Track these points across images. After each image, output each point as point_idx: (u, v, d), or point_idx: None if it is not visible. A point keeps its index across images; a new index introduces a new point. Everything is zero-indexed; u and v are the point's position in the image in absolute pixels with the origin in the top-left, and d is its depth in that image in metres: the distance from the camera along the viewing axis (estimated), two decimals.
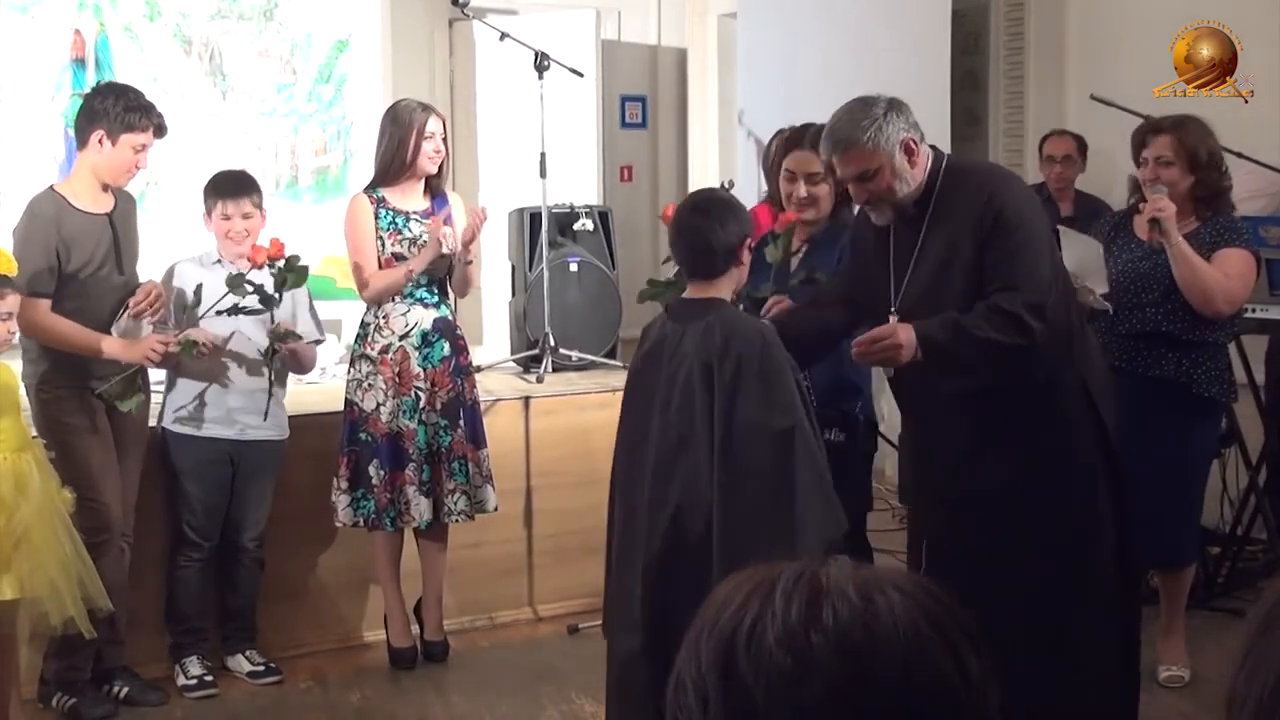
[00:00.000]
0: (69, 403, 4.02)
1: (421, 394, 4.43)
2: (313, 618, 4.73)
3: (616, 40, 7.71)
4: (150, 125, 4.07)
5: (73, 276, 4.01)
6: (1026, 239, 3.15)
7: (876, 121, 3.21)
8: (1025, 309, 3.09)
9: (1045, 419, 3.24)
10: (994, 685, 1.00)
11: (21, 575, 3.53)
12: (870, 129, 3.20)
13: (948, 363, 3.15)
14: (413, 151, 4.41)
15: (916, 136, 3.24)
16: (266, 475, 4.42)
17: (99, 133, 4.04)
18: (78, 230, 4.02)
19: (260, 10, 6.50)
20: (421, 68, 7.12)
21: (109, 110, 4.04)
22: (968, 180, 3.25)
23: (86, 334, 3.99)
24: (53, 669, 4.12)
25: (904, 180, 3.22)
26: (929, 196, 3.25)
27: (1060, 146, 5.54)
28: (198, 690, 4.31)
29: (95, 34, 6.09)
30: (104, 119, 4.03)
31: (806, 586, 0.99)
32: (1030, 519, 3.22)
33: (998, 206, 3.15)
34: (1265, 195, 4.88)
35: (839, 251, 3.92)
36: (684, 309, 3.22)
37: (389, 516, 4.41)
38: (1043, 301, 3.11)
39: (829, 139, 3.28)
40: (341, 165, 6.66)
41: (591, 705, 4.18)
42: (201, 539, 4.36)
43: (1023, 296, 3.09)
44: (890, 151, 3.20)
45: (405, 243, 4.44)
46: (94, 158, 4.07)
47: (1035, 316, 3.10)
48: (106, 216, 4.10)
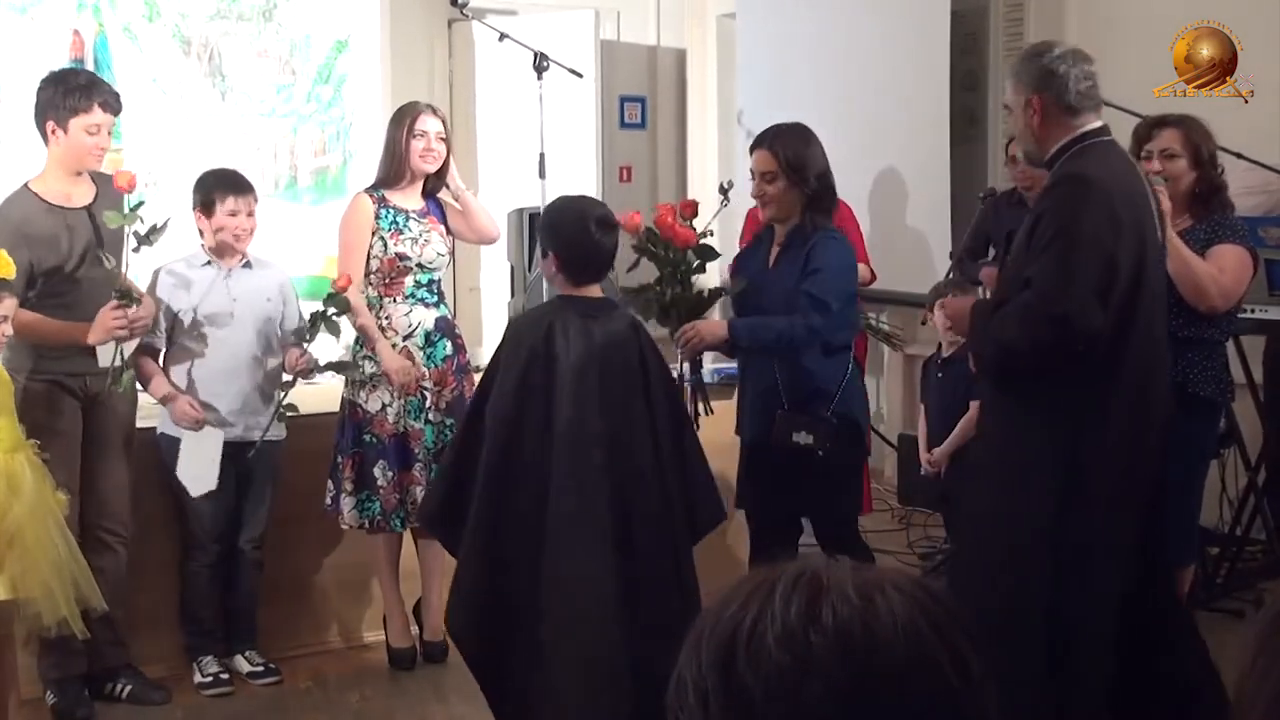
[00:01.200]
0: (42, 397, 3.98)
1: (428, 394, 4.43)
2: (312, 618, 4.73)
3: (616, 41, 7.71)
4: (93, 104, 3.98)
5: (54, 274, 3.96)
6: (1074, 241, 3.05)
7: (1022, 62, 3.24)
8: (1041, 306, 3.05)
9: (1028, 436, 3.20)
10: (993, 684, 1.00)
11: (14, 576, 3.53)
12: (1015, 67, 3.25)
13: (983, 345, 3.21)
14: (404, 151, 4.41)
15: (1049, 97, 3.16)
16: (265, 476, 4.42)
17: (50, 124, 4.00)
18: (48, 229, 3.97)
19: (259, 11, 6.50)
20: (420, 68, 7.12)
21: (52, 99, 3.99)
22: (1064, 166, 3.20)
23: (60, 328, 3.93)
24: (39, 667, 4.13)
25: (1023, 130, 3.25)
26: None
27: None
28: (214, 688, 4.32)
29: (94, 34, 6.09)
30: (50, 109, 3.99)
31: (806, 586, 0.99)
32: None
33: (1044, 205, 3.14)
34: (1262, 193, 4.87)
35: (806, 253, 3.99)
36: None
37: (398, 517, 4.41)
38: (1063, 313, 3.02)
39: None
40: (340, 166, 6.66)
41: None
42: (210, 541, 4.36)
43: (1040, 295, 3.05)
44: (1019, 97, 3.21)
45: (407, 242, 4.44)
46: (55, 150, 4.03)
47: (1050, 320, 3.04)
48: (85, 210, 4.03)
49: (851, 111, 5.60)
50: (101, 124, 4.02)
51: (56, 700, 4.10)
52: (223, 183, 4.37)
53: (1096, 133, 3.23)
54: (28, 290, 3.88)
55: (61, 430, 4.00)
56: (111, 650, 4.23)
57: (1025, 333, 3.09)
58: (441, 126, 4.49)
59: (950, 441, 4.85)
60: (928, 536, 5.61)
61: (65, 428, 4.01)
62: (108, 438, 4.14)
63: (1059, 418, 3.13)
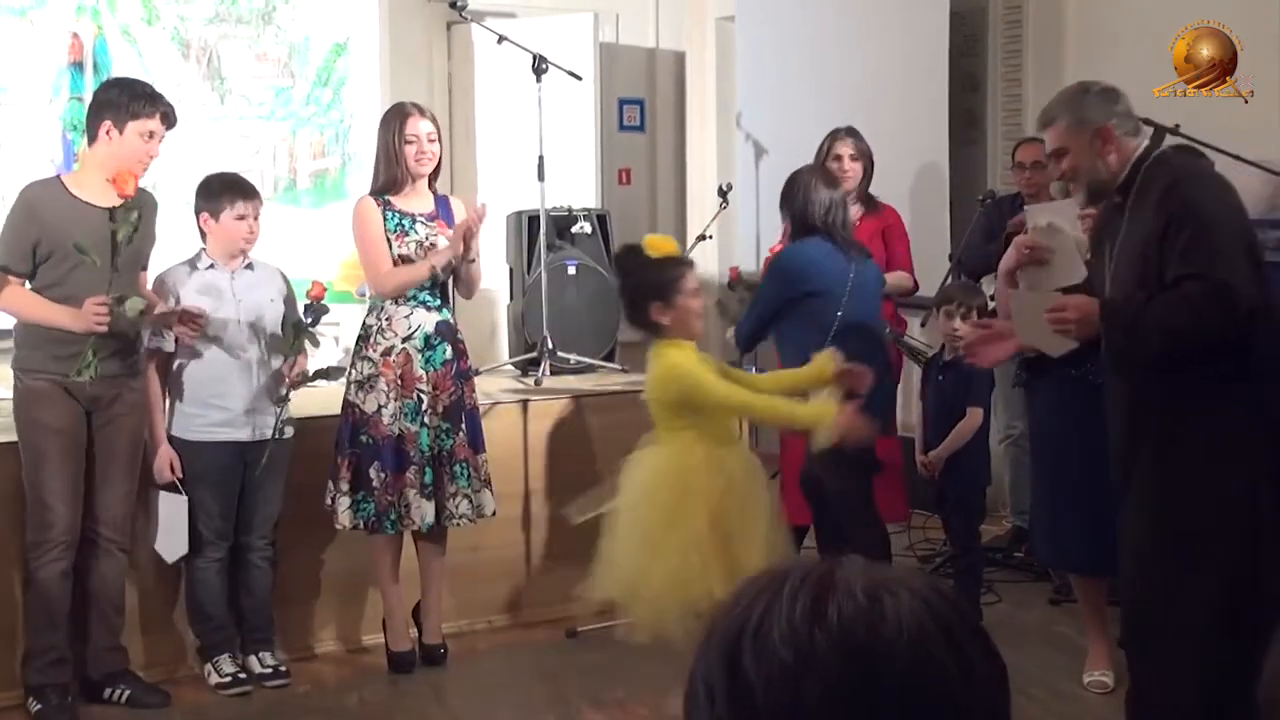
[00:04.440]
0: (44, 395, 4.01)
1: (424, 397, 4.42)
2: (311, 621, 4.73)
3: (615, 43, 7.71)
4: (156, 112, 4.08)
5: (57, 264, 3.99)
6: (1205, 227, 3.08)
7: (1074, 104, 3.30)
8: (1202, 291, 3.03)
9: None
10: (1006, 687, 1.00)
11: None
12: (1065, 110, 3.30)
13: (1128, 343, 3.16)
14: (397, 156, 4.41)
15: (1119, 125, 3.26)
16: (277, 474, 4.42)
17: (106, 124, 4.05)
18: (64, 218, 4.00)
19: (258, 13, 6.50)
20: (419, 71, 7.12)
21: (114, 100, 4.06)
22: (1162, 171, 3.23)
23: (48, 307, 3.99)
24: (22, 673, 4.12)
25: (1095, 165, 3.28)
26: (1130, 186, 3.26)
27: (1029, 153, 5.55)
28: (233, 687, 4.31)
29: (93, 37, 6.09)
30: (110, 109, 4.05)
31: (814, 585, 0.99)
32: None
33: (1178, 197, 3.13)
34: (1262, 195, 4.86)
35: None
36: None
37: (390, 519, 4.40)
38: (1226, 281, 3.03)
39: (1040, 116, 3.42)
40: (340, 169, 6.66)
41: (589, 709, 4.18)
42: (219, 539, 4.36)
43: (1200, 279, 3.03)
44: (1083, 136, 3.26)
45: (412, 245, 4.43)
46: (103, 150, 4.07)
47: (1215, 299, 3.03)
48: (106, 210, 4.05)
49: (850, 113, 5.60)
50: (156, 132, 4.09)
51: (40, 708, 4.07)
52: (230, 187, 4.38)
53: (1152, 145, 3.34)
54: (32, 268, 4.00)
55: (60, 429, 4.03)
56: (109, 655, 4.22)
57: (1193, 311, 3.05)
58: (432, 127, 4.47)
59: (946, 445, 4.86)
60: (927, 539, 5.61)
61: (64, 426, 4.04)
62: (117, 448, 4.16)
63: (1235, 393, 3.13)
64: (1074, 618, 4.59)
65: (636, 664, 4.44)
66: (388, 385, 4.38)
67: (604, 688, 4.34)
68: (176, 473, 4.29)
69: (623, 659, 4.30)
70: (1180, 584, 3.11)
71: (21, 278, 4.03)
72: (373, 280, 4.48)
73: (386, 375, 4.39)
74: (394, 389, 4.38)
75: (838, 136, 5.39)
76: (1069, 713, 4.08)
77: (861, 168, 5.38)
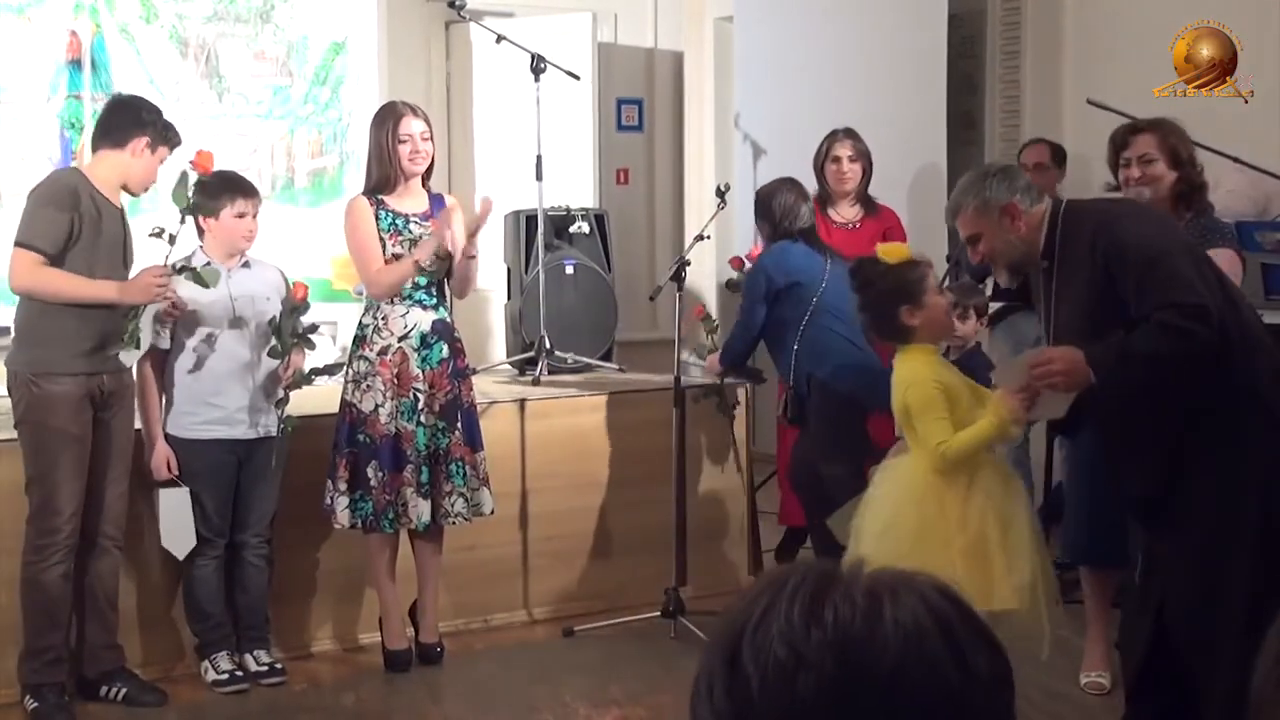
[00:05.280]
0: (61, 400, 3.99)
1: (420, 396, 4.41)
2: (308, 619, 4.72)
3: (613, 43, 7.71)
4: (176, 144, 4.22)
5: (82, 255, 4.00)
6: (1151, 257, 3.15)
7: (975, 189, 3.37)
8: (1180, 316, 3.07)
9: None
10: (1010, 686, 1.01)
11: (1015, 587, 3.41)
12: (970, 197, 3.38)
13: (1119, 382, 3.19)
14: (391, 156, 4.40)
15: (1021, 200, 3.33)
16: (275, 471, 4.41)
17: (144, 139, 4.12)
18: (96, 211, 4.04)
19: (257, 12, 6.50)
20: (418, 70, 7.12)
21: (156, 122, 4.16)
22: (1080, 223, 3.30)
23: (90, 283, 4.00)
24: (19, 672, 4.11)
25: (1009, 242, 3.35)
26: (1053, 247, 3.33)
27: (1034, 155, 5.56)
28: (229, 685, 4.31)
29: (91, 35, 6.09)
30: (151, 129, 4.13)
31: (815, 584, 1.00)
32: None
33: (1104, 243, 3.20)
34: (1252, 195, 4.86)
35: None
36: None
37: (387, 518, 4.39)
38: (1198, 302, 3.08)
39: (948, 207, 3.52)
40: (338, 167, 6.66)
41: (585, 708, 4.17)
42: (216, 536, 4.36)
43: (1174, 306, 3.08)
44: (991, 217, 3.33)
45: (406, 244, 4.42)
46: (129, 159, 4.12)
47: (1194, 319, 3.07)
48: (120, 210, 4.14)
49: (848, 114, 5.60)
50: (166, 160, 4.23)
51: (37, 706, 4.06)
52: (230, 186, 4.39)
53: (1055, 202, 3.42)
54: (66, 249, 3.99)
55: (79, 436, 4.03)
56: (106, 653, 4.22)
57: (1180, 334, 3.09)
58: (425, 126, 4.47)
59: None
60: None
61: (82, 433, 4.04)
62: (116, 446, 4.16)
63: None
64: (1073, 618, 4.58)
65: (633, 664, 4.45)
66: (384, 384, 4.38)
67: (600, 687, 4.33)
68: (173, 470, 4.29)
69: (619, 659, 4.29)
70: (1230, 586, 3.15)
71: (46, 256, 3.99)
72: (365, 280, 4.49)
73: (383, 374, 4.38)
74: (390, 388, 4.38)
75: (836, 138, 5.41)
76: (1066, 714, 4.06)
77: (860, 169, 5.40)
